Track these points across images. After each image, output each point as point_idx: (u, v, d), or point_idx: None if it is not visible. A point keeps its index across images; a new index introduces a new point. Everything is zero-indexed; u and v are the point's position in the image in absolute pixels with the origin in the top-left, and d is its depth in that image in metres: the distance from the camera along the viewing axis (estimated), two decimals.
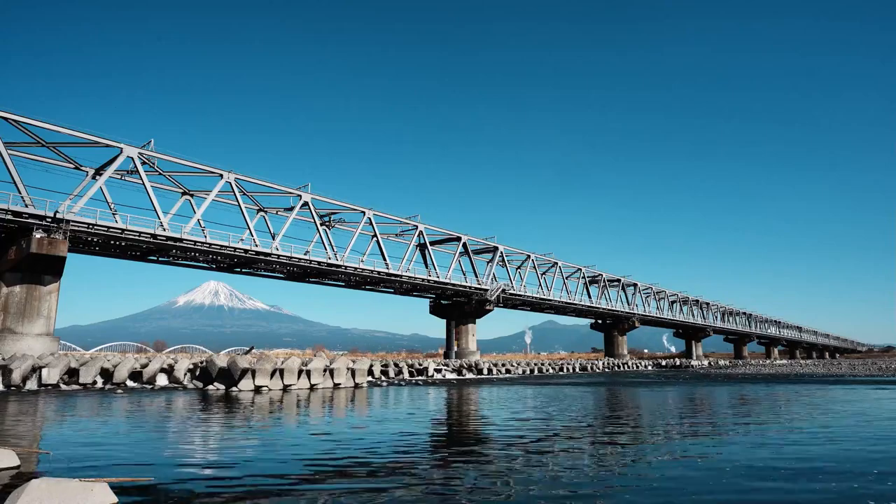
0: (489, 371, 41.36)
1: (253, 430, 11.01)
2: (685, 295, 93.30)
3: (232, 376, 21.42)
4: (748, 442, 9.58)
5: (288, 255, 41.25)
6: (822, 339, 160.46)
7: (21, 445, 8.47)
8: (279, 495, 5.76)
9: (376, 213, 47.18)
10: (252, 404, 16.04)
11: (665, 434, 10.59)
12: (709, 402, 18.92)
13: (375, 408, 16.04)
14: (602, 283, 74.98)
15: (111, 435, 10.28)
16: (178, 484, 6.18)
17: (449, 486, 6.17)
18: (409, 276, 49.83)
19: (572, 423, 12.27)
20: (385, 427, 11.57)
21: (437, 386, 27.33)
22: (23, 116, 30.56)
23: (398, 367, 34.53)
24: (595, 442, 9.59)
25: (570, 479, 6.49)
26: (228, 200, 40.66)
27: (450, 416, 14.80)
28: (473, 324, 58.14)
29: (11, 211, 29.13)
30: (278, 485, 6.26)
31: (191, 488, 6.01)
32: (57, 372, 21.91)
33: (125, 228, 33.29)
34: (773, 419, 13.22)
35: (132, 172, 35.20)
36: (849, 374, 42.91)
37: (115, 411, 14.40)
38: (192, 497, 5.64)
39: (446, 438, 10.61)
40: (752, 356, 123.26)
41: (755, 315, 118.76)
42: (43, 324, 30.38)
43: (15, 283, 30.03)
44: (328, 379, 23.57)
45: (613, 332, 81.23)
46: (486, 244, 58.21)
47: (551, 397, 20.26)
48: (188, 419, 12.75)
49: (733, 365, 76.71)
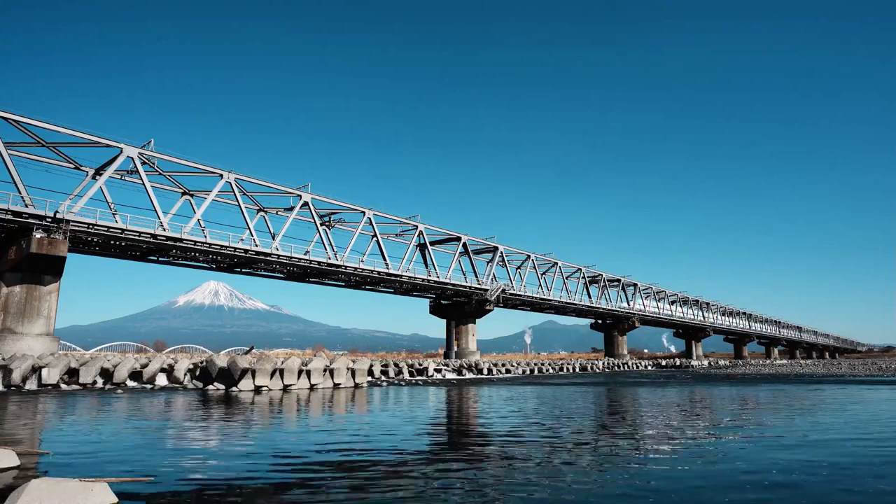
0: (489, 371, 41.36)
1: (253, 431, 11.01)
2: (685, 295, 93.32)
3: (232, 376, 21.42)
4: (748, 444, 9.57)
5: (288, 255, 41.26)
6: (822, 339, 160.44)
7: (21, 445, 8.46)
8: (279, 496, 5.75)
9: (376, 213, 47.18)
10: (252, 404, 16.04)
11: (665, 434, 10.58)
12: (709, 401, 18.92)
13: (375, 408, 16.04)
14: (602, 283, 74.99)
15: (111, 435, 10.27)
16: (178, 484, 6.18)
17: (449, 487, 6.17)
18: (409, 276, 49.85)
19: (572, 424, 12.27)
20: (385, 427, 11.56)
21: (437, 386, 27.33)
22: (23, 116, 30.57)
23: (398, 367, 34.54)
24: (595, 442, 9.58)
25: (569, 480, 6.49)
26: (228, 200, 40.66)
27: (450, 416, 14.81)
28: (473, 324, 58.15)
29: (11, 211, 29.14)
30: (278, 485, 6.26)
31: (190, 488, 6.01)
32: (57, 372, 21.91)
33: (125, 228, 33.30)
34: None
35: (132, 172, 35.21)
36: (849, 374, 42.90)
37: (115, 411, 14.39)
38: (192, 497, 5.64)
39: (446, 439, 10.61)
40: (752, 356, 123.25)
41: (755, 315, 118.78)
42: (43, 324, 30.39)
43: (15, 283, 30.04)
44: (328, 379, 23.56)
45: (613, 332, 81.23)
46: (486, 244, 58.21)
47: (551, 397, 20.27)
48: (188, 419, 12.75)
49: (733, 365, 76.71)
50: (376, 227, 47.21)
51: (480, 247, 58.39)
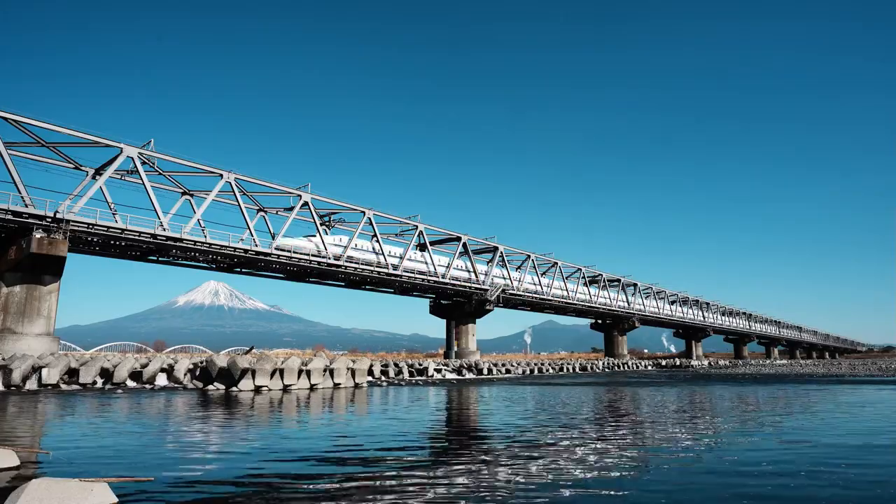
0: (489, 371, 41.36)
1: (253, 431, 11.01)
2: (685, 295, 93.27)
3: (232, 376, 21.41)
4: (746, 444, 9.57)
5: (288, 254, 41.24)
6: (822, 339, 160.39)
7: (21, 445, 8.47)
8: (278, 495, 5.75)
9: (376, 213, 47.15)
10: (252, 405, 16.04)
11: (666, 436, 10.58)
12: (708, 401, 18.92)
13: (375, 408, 16.04)
14: (602, 283, 74.96)
15: (111, 435, 10.27)
16: (178, 484, 6.18)
17: (449, 490, 6.16)
18: (409, 276, 49.83)
19: (572, 424, 12.26)
20: (385, 428, 11.56)
21: (437, 386, 27.33)
22: (23, 116, 30.53)
23: (398, 367, 34.53)
24: (595, 442, 9.58)
25: (570, 480, 6.49)
26: (228, 200, 40.61)
27: (449, 416, 14.80)
28: (473, 324, 58.11)
29: (11, 211, 29.11)
30: (278, 485, 6.25)
31: (190, 488, 6.01)
32: (57, 372, 21.90)
33: (125, 228, 33.27)
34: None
35: (132, 172, 35.17)
36: (849, 374, 42.90)
37: (115, 411, 14.39)
38: (192, 497, 5.65)
39: (445, 439, 10.60)
40: (752, 356, 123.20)
41: (755, 315, 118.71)
42: (43, 324, 30.36)
43: (15, 283, 30.01)
44: (328, 379, 23.56)
45: (613, 332, 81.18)
46: (486, 244, 58.18)
47: (551, 397, 20.26)
48: (188, 419, 12.75)
49: (733, 365, 76.70)
50: (376, 227, 47.17)
51: (480, 247, 58.35)
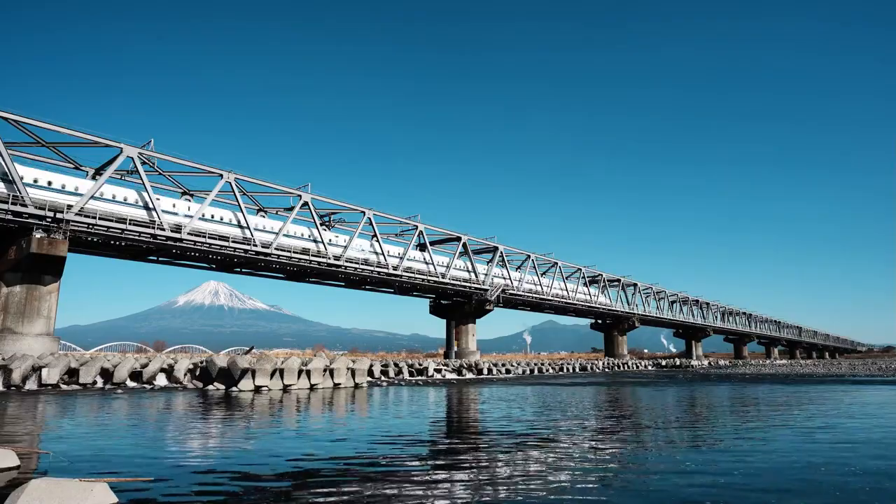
0: (489, 371, 41.35)
1: (252, 431, 11.01)
2: (685, 295, 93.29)
3: (232, 376, 21.41)
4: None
5: (288, 254, 41.25)
6: (821, 339, 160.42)
7: (21, 445, 8.47)
8: (278, 495, 5.75)
9: (376, 213, 47.17)
10: (252, 405, 16.04)
11: (666, 435, 10.59)
12: (707, 402, 18.92)
13: (375, 408, 16.04)
14: (602, 283, 74.99)
15: (111, 435, 10.27)
16: (178, 484, 6.18)
17: (448, 489, 6.16)
18: (409, 276, 49.83)
19: (572, 424, 12.26)
20: (386, 428, 11.56)
21: (437, 386, 27.33)
22: (23, 116, 30.54)
23: (398, 367, 34.53)
24: (595, 442, 9.58)
25: (570, 481, 6.49)
26: (228, 200, 40.62)
27: (449, 417, 14.80)
28: (473, 324, 58.13)
29: (11, 211, 29.12)
30: (277, 485, 6.25)
31: (190, 488, 6.01)
32: (57, 372, 21.89)
33: (125, 228, 33.28)
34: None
35: (132, 172, 35.20)
36: (849, 374, 42.90)
37: (115, 411, 14.39)
38: (192, 497, 5.64)
39: (446, 440, 10.60)
40: (752, 356, 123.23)
41: (755, 315, 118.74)
42: (43, 324, 30.35)
43: (15, 283, 30.01)
44: (328, 379, 23.55)
45: (613, 332, 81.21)
46: (486, 244, 58.20)
47: (551, 397, 20.26)
48: (188, 419, 12.75)
49: (733, 365, 76.70)
50: (376, 227, 47.20)
51: (480, 247, 58.38)
